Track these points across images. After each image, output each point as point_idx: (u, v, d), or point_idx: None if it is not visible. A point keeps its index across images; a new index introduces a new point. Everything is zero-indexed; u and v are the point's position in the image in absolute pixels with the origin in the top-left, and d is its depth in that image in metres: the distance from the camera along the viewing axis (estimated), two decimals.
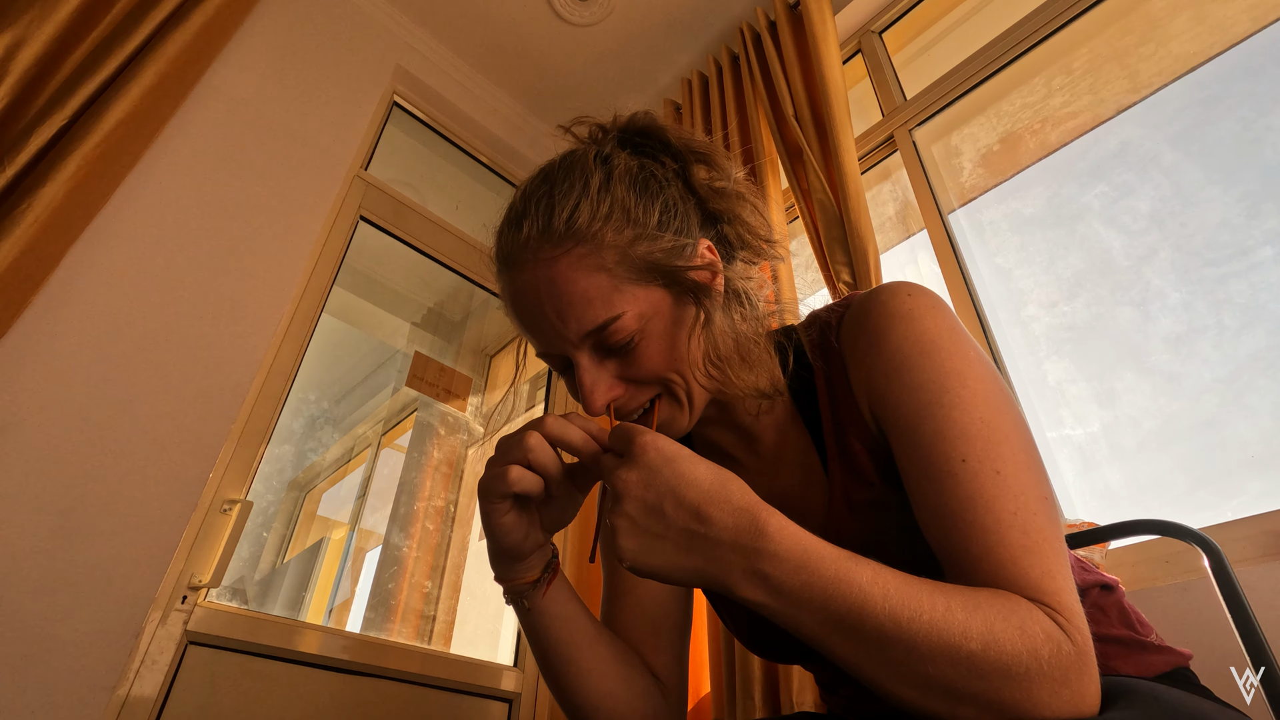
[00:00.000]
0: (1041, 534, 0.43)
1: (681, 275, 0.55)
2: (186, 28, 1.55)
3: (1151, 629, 0.59)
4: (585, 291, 0.52)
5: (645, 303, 0.54)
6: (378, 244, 2.08)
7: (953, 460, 0.46)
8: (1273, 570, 0.89)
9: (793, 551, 0.42)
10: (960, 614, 0.39)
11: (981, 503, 0.44)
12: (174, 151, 1.57)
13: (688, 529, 0.43)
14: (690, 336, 0.55)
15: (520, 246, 0.55)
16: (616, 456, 0.47)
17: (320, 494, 2.79)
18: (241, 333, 1.52)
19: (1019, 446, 0.47)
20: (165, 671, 1.24)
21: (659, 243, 0.54)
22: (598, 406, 0.54)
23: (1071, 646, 0.39)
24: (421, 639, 1.86)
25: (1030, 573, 0.42)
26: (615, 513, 0.44)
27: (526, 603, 0.57)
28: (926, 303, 0.54)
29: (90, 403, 1.28)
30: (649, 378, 0.55)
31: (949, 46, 1.97)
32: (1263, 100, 1.20)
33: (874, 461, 0.55)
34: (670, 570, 0.44)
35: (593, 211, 0.54)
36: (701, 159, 0.61)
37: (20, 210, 1.19)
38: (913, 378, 0.50)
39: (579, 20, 2.24)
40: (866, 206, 1.53)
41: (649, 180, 0.57)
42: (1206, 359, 1.12)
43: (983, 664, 0.38)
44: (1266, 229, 1.12)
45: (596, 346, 0.54)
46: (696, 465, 0.45)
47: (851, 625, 0.40)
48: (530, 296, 0.55)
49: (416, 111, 2.33)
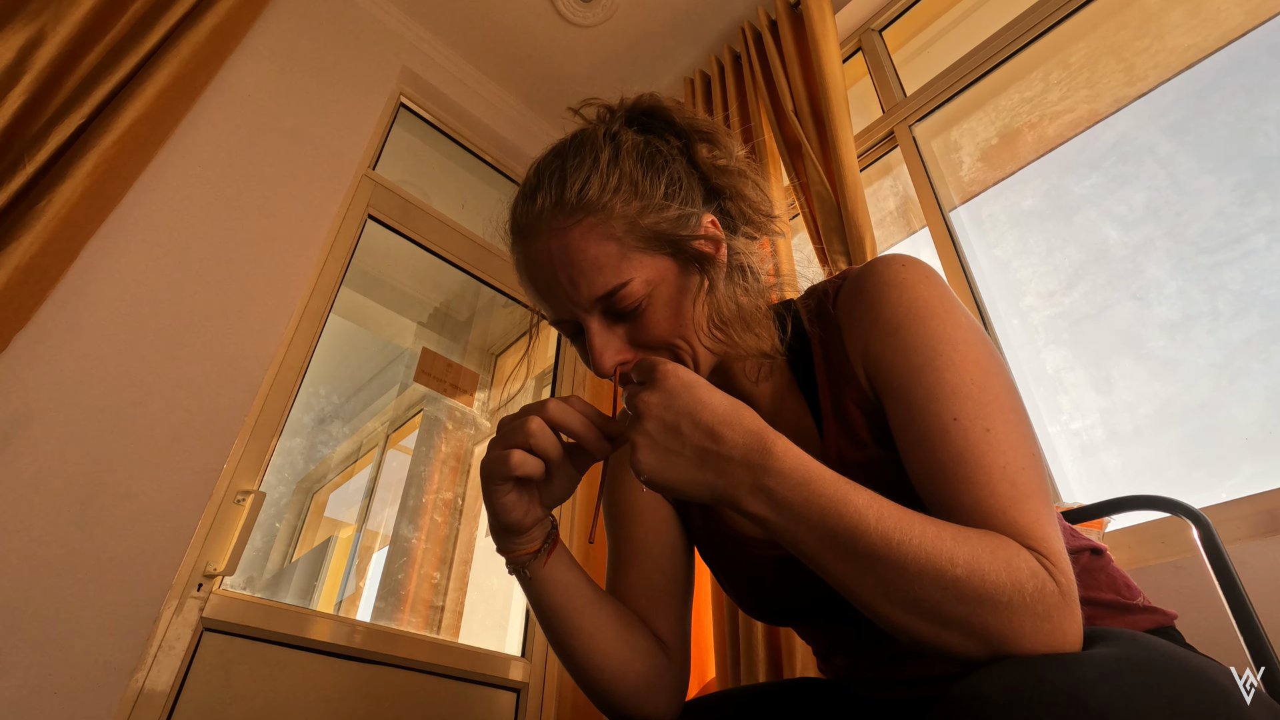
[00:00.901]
0: (1029, 486, 0.46)
1: (686, 244, 0.58)
2: (199, 29, 1.58)
3: (1139, 593, 0.61)
4: (596, 259, 0.55)
5: (652, 270, 0.57)
6: (385, 244, 2.11)
7: (944, 419, 0.49)
8: (1265, 546, 0.91)
9: (796, 470, 0.45)
10: (949, 542, 0.41)
11: (972, 458, 0.47)
12: (187, 150, 1.60)
13: (702, 447, 0.47)
14: (695, 303, 0.58)
15: (535, 217, 0.59)
16: (638, 385, 0.50)
17: (327, 494, 2.82)
18: (254, 327, 1.55)
19: (1008, 406, 0.50)
20: (181, 658, 1.27)
21: (665, 214, 0.57)
22: (606, 368, 0.57)
23: (1055, 586, 0.41)
24: (430, 629, 1.89)
25: (1019, 520, 0.44)
26: (636, 430, 0.48)
27: (528, 572, 0.59)
28: (920, 272, 0.57)
29: (107, 394, 1.31)
30: (656, 342, 0.58)
31: (948, 44, 2.00)
32: (1255, 92, 1.22)
33: (868, 423, 0.57)
34: (684, 484, 0.48)
35: (602, 184, 0.56)
36: (704, 137, 0.64)
37: (40, 206, 1.22)
38: (906, 341, 0.53)
39: (582, 21, 2.27)
40: (864, 198, 1.56)
41: (655, 155, 0.60)
42: (1201, 345, 1.14)
43: (967, 589, 0.40)
44: (1260, 217, 1.14)
45: (607, 311, 0.57)
46: (712, 392, 0.48)
47: (846, 542, 0.43)
48: (544, 264, 0.58)
49: (423, 112, 2.36)
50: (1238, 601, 0.67)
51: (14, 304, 1.21)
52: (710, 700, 0.67)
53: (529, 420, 0.53)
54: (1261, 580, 0.88)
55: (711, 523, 0.70)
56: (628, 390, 0.51)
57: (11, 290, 1.18)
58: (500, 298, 2.38)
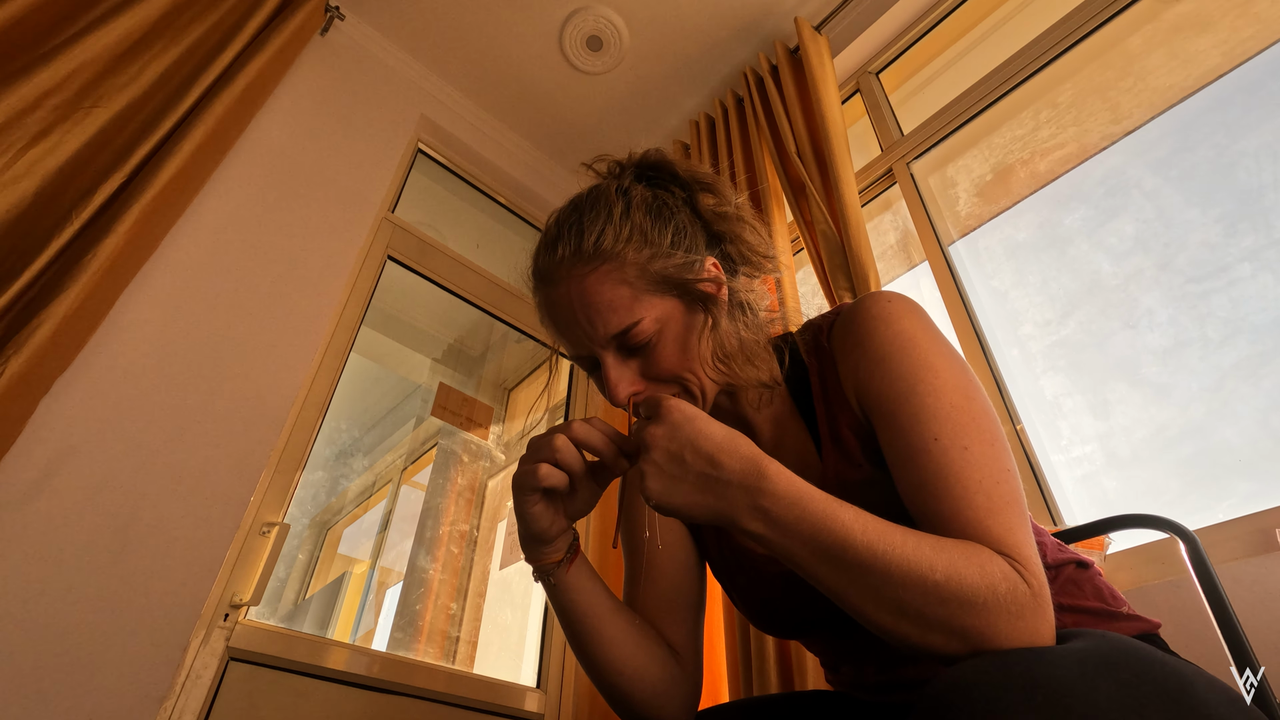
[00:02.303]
0: (1003, 498, 0.50)
1: (691, 286, 0.65)
2: (232, 89, 1.69)
3: (1125, 603, 0.64)
4: (611, 301, 0.62)
5: (661, 310, 0.63)
6: (402, 283, 2.19)
7: (926, 439, 0.54)
8: (1260, 564, 0.93)
9: (788, 491, 0.50)
10: (928, 551, 0.46)
11: (951, 474, 0.52)
12: (218, 200, 1.69)
13: (703, 473, 0.52)
14: (700, 339, 0.64)
15: (556, 265, 0.65)
16: (645, 420, 0.55)
17: (341, 530, 2.85)
18: (280, 365, 1.61)
19: (984, 427, 0.55)
20: (208, 687, 1.30)
21: (672, 260, 0.64)
22: (621, 399, 0.63)
23: (1027, 588, 0.45)
24: (446, 659, 1.91)
25: (993, 529, 0.49)
26: (644, 460, 0.53)
27: (553, 579, 0.64)
28: (904, 307, 0.62)
29: (142, 432, 1.38)
30: (666, 375, 0.64)
31: (942, 85, 2.08)
32: (1234, 128, 1.28)
33: (862, 446, 0.62)
34: (689, 507, 0.52)
35: (616, 235, 0.63)
36: (706, 188, 0.71)
37: (86, 259, 1.31)
38: (892, 369, 0.58)
39: (591, 69, 2.38)
40: (867, 235, 1.62)
41: (662, 208, 0.67)
42: (1193, 370, 1.18)
43: (946, 592, 0.44)
44: (1243, 247, 1.18)
45: (621, 348, 0.64)
46: (711, 424, 0.53)
47: (836, 554, 0.48)
48: (564, 307, 0.64)
49: (439, 157, 2.47)
50: (1223, 613, 0.70)
51: (59, 350, 1.28)
52: (721, 709, 0.71)
53: (555, 438, 0.59)
54: (1257, 598, 0.91)
55: (723, 543, 0.75)
56: (636, 425, 0.56)
57: (58, 338, 1.26)
58: (513, 333, 2.44)
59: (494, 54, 2.36)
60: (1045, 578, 0.47)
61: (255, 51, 1.78)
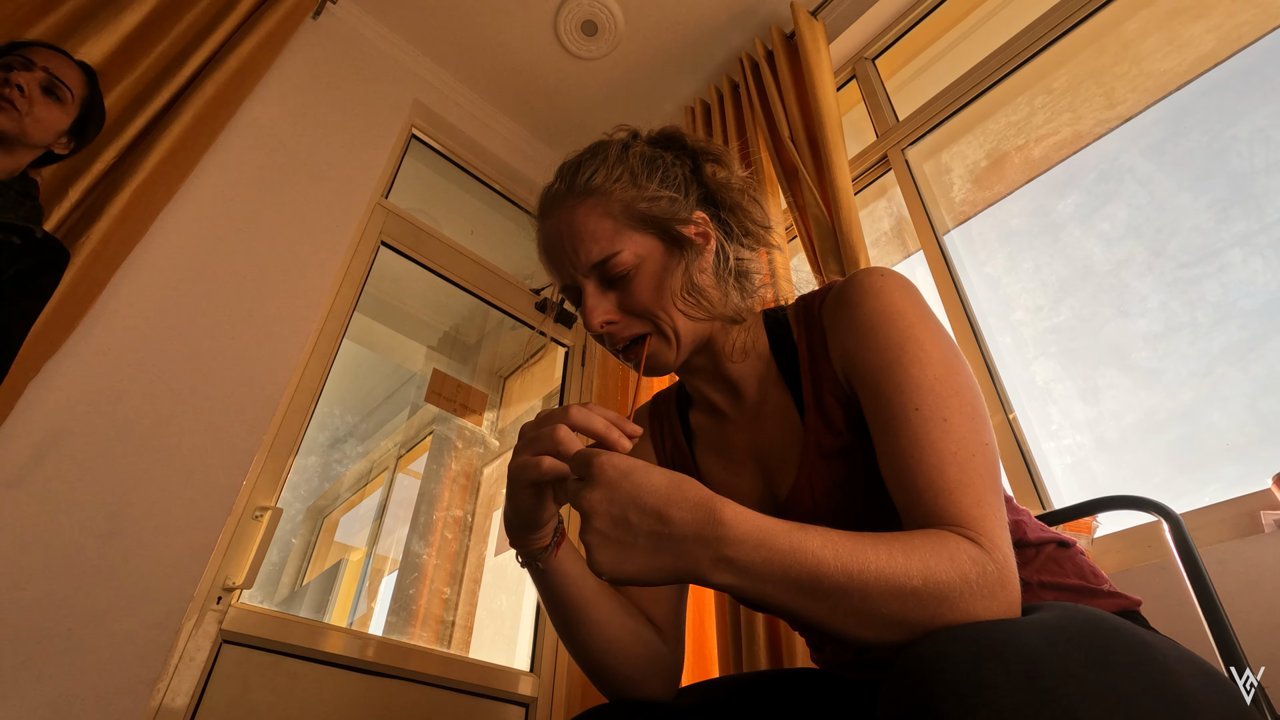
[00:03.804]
0: (976, 471, 0.51)
1: (671, 228, 0.68)
2: (223, 70, 1.68)
3: (1106, 580, 0.65)
4: (594, 231, 0.66)
5: (641, 246, 0.67)
6: (396, 270, 2.18)
7: (907, 409, 0.54)
8: (1244, 546, 0.94)
9: (750, 533, 0.46)
10: (900, 558, 0.45)
11: (928, 444, 0.52)
12: (210, 183, 1.68)
13: (653, 532, 0.47)
14: (676, 279, 0.67)
15: (550, 200, 0.70)
16: (579, 483, 0.51)
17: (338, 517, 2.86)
18: (272, 350, 1.61)
19: (965, 401, 0.55)
20: (201, 669, 1.31)
21: (657, 203, 0.67)
22: (595, 325, 0.66)
23: (994, 565, 0.46)
24: (441, 643, 1.92)
25: (962, 501, 0.49)
26: (587, 530, 0.48)
27: (540, 564, 0.64)
28: (896, 282, 0.63)
29: (133, 415, 1.37)
30: (640, 310, 0.66)
31: (938, 71, 2.07)
32: (1228, 114, 1.28)
33: (845, 415, 0.64)
34: (646, 573, 0.48)
35: (607, 174, 0.68)
36: (713, 158, 0.75)
37: (80, 243, 1.30)
38: (879, 340, 0.59)
39: (586, 54, 2.36)
40: (859, 220, 1.61)
41: (657, 159, 0.71)
42: (1183, 355, 1.18)
43: (925, 596, 0.44)
44: (1234, 232, 1.19)
45: (601, 278, 0.67)
46: (650, 473, 0.49)
47: (812, 586, 0.45)
48: (554, 236, 0.68)
49: (433, 143, 2.45)
50: (1205, 593, 0.70)
51: (48, 332, 1.28)
52: (704, 684, 0.72)
53: (557, 429, 0.56)
54: (1240, 579, 0.92)
55: None
56: (569, 488, 0.52)
57: (47, 320, 1.25)
58: (508, 321, 2.44)
59: (488, 38, 2.34)
60: (1011, 553, 0.48)
61: (246, 33, 1.77)
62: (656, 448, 0.82)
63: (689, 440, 0.79)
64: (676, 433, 0.80)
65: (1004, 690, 0.35)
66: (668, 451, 0.81)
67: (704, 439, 0.78)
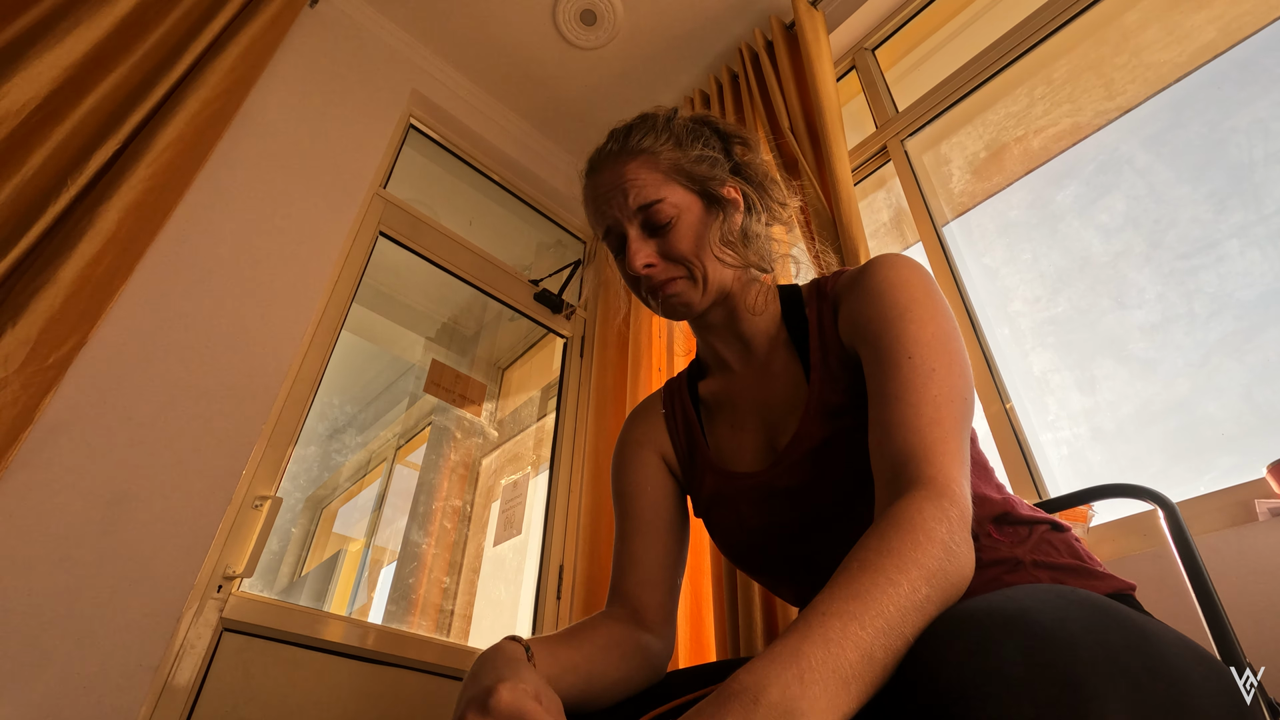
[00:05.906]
0: (950, 416, 0.56)
1: (710, 186, 0.77)
2: (222, 61, 1.67)
3: (1100, 563, 0.66)
4: (641, 181, 0.75)
5: (682, 198, 0.75)
6: (395, 260, 2.18)
7: (901, 356, 0.60)
8: (1238, 534, 0.95)
9: (801, 676, 0.39)
10: (901, 578, 0.44)
11: (913, 387, 0.58)
12: (218, 177, 1.68)
13: None
14: (714, 231, 0.75)
15: (603, 157, 0.78)
16: None
17: (337, 508, 2.87)
18: (271, 341, 1.61)
19: (956, 361, 0.61)
20: (202, 656, 1.31)
21: (699, 165, 0.77)
22: (637, 266, 0.73)
23: (956, 510, 0.50)
24: (440, 632, 1.93)
25: (928, 437, 0.54)
26: None
27: None
28: (909, 263, 0.69)
29: (134, 404, 1.38)
30: (678, 256, 0.74)
31: (938, 62, 2.07)
32: (1227, 104, 1.28)
33: (847, 379, 0.69)
34: None
35: (655, 139, 0.77)
36: (742, 141, 0.84)
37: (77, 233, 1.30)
38: (885, 302, 0.65)
39: (585, 44, 2.35)
40: (858, 212, 1.61)
41: (698, 131, 0.80)
42: (1180, 345, 1.19)
43: (935, 594, 0.45)
44: (1232, 223, 1.19)
45: (644, 225, 0.75)
46: None
47: (863, 670, 0.40)
48: (604, 186, 0.76)
49: (431, 133, 2.44)
50: (1199, 581, 0.71)
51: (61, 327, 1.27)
52: (692, 669, 0.73)
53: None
54: (1235, 567, 0.92)
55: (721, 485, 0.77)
56: None
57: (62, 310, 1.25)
58: (507, 312, 2.44)
59: (487, 28, 2.33)
60: (966, 493, 0.52)
61: (243, 24, 1.76)
62: (669, 425, 0.87)
63: (699, 417, 0.85)
64: (688, 408, 0.86)
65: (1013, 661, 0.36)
66: (680, 426, 0.86)
67: (712, 407, 0.84)
